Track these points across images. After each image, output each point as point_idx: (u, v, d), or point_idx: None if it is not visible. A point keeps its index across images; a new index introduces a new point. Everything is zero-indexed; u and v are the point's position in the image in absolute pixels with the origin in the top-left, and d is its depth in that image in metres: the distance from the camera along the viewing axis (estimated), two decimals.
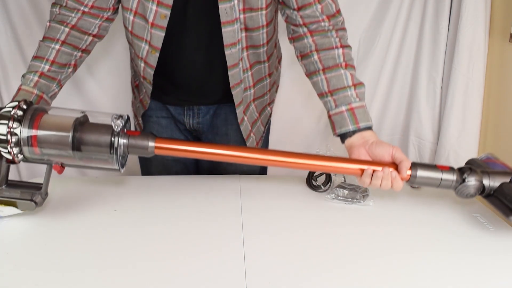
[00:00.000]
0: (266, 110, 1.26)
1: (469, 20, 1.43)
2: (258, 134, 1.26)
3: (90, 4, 1.00)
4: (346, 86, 0.98)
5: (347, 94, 0.98)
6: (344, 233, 0.92)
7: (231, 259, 0.81)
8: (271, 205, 1.02)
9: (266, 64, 1.14)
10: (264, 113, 1.26)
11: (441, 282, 0.77)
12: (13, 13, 1.54)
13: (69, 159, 0.85)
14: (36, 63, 0.99)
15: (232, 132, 1.21)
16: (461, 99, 1.49)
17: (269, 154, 0.90)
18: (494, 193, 0.91)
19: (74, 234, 0.88)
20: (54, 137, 0.83)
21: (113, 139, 0.83)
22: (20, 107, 0.82)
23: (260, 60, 1.11)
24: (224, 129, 1.21)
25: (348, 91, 0.98)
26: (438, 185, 0.90)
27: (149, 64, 1.06)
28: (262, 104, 1.23)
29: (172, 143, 0.88)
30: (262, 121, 1.26)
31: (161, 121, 1.22)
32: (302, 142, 1.75)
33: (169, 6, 0.97)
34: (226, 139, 1.22)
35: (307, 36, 1.02)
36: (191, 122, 1.21)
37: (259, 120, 1.24)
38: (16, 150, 0.82)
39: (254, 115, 1.21)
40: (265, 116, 1.27)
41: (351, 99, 0.97)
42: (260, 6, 0.99)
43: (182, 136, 1.25)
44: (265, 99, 1.23)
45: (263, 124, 1.27)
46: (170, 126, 1.23)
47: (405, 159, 0.89)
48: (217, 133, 1.22)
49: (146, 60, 1.06)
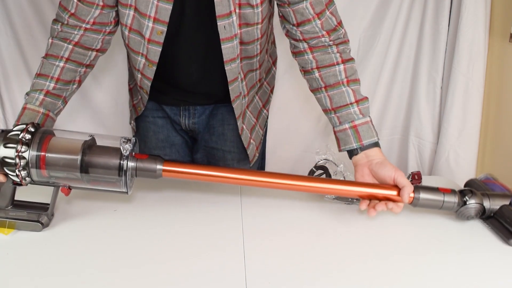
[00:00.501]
0: (262, 113, 1.26)
1: (469, 20, 1.43)
2: (258, 139, 1.26)
3: (91, 21, 1.00)
4: (349, 104, 0.98)
5: (350, 112, 0.98)
6: (344, 233, 0.92)
7: (231, 259, 0.81)
8: (271, 206, 1.02)
9: (257, 71, 1.14)
10: (261, 117, 1.26)
11: (442, 282, 0.78)
12: (13, 13, 1.54)
13: (76, 181, 0.86)
14: (41, 81, 0.98)
15: (228, 132, 1.20)
16: (461, 99, 1.49)
17: (277, 178, 0.91)
18: (494, 215, 0.94)
19: (74, 234, 0.88)
20: (62, 160, 0.84)
21: (121, 162, 0.84)
22: (28, 130, 0.83)
23: (252, 68, 1.11)
24: (220, 129, 1.20)
25: (350, 108, 0.98)
26: (440, 207, 0.93)
27: (146, 76, 1.07)
28: (257, 108, 1.23)
29: (180, 166, 0.89)
30: (260, 125, 1.26)
31: (157, 121, 1.22)
32: (301, 143, 1.75)
33: (165, 23, 0.96)
34: (223, 139, 1.21)
35: (307, 52, 1.01)
36: (187, 122, 1.20)
37: (257, 125, 1.24)
38: (24, 174, 0.83)
39: (252, 121, 1.21)
40: (263, 119, 1.27)
41: (354, 116, 0.98)
42: (256, 21, 0.99)
43: (178, 136, 1.24)
44: (257, 102, 1.23)
45: (261, 128, 1.27)
46: (167, 126, 1.23)
47: (407, 184, 0.90)
48: (214, 133, 1.21)
49: (143, 72, 1.07)
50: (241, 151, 1.23)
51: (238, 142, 1.21)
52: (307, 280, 0.77)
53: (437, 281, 0.78)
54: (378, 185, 0.93)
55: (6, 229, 0.86)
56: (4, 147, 0.82)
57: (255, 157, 1.25)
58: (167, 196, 1.05)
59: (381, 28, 1.61)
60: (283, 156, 1.76)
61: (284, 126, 1.73)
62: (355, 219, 0.98)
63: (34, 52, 1.58)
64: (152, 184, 1.06)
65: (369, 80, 1.66)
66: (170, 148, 1.24)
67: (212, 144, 1.22)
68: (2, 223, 0.86)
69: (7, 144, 0.82)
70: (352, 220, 0.98)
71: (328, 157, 1.10)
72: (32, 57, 1.59)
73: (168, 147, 1.24)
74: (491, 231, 0.93)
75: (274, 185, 0.91)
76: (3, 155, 0.82)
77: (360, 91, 1.00)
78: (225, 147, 1.22)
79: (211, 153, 1.24)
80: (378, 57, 1.64)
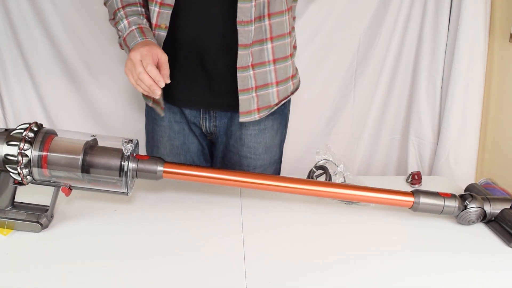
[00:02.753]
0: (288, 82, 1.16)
1: (469, 20, 1.43)
2: (265, 99, 1.12)
3: None
4: None
5: None
6: (344, 233, 0.92)
7: (231, 259, 0.81)
8: (271, 206, 1.02)
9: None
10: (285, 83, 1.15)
11: (442, 283, 0.78)
12: (13, 13, 1.54)
13: (77, 181, 0.87)
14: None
15: (246, 137, 1.18)
16: (461, 99, 1.49)
17: (278, 181, 0.92)
18: (495, 219, 0.94)
19: (73, 235, 0.88)
20: (64, 159, 0.84)
21: (123, 163, 0.85)
22: (31, 129, 0.84)
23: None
24: (238, 134, 1.18)
25: None
26: (440, 211, 0.93)
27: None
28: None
29: (180, 168, 0.90)
30: (279, 88, 1.13)
31: (174, 126, 1.20)
32: (301, 143, 1.75)
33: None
34: (240, 143, 1.19)
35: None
36: (207, 124, 1.19)
37: (272, 85, 1.11)
38: (26, 172, 0.84)
39: (267, 78, 1.09)
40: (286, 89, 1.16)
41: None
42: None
43: (195, 143, 1.22)
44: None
45: (278, 93, 1.13)
46: (183, 132, 1.20)
47: None
48: (231, 136, 1.19)
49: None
50: (259, 157, 1.20)
51: (256, 148, 1.19)
52: (307, 280, 0.77)
53: (438, 283, 0.78)
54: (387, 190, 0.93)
55: (5, 229, 0.86)
56: (7, 144, 0.82)
57: (250, 114, 1.12)
58: (167, 196, 1.05)
59: (381, 28, 1.60)
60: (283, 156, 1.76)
61: None
62: (355, 219, 0.98)
63: (34, 52, 1.58)
64: (152, 185, 1.06)
65: (369, 80, 1.66)
66: (185, 155, 1.23)
67: (230, 147, 1.21)
68: (1, 224, 0.86)
69: (10, 142, 0.82)
70: (352, 220, 0.98)
71: (328, 157, 1.10)
72: (32, 57, 1.59)
73: (183, 154, 1.23)
74: (493, 233, 0.93)
75: (275, 189, 0.92)
76: (5, 153, 0.82)
77: None
78: (242, 152, 1.20)
79: (227, 156, 1.22)
80: (378, 57, 1.64)
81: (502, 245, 0.89)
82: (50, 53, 1.59)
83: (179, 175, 0.90)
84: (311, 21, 1.59)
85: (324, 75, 1.66)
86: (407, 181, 1.19)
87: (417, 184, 1.18)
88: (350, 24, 1.60)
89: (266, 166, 1.24)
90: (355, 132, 1.73)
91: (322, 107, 1.71)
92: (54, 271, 0.77)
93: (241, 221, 0.95)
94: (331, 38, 1.61)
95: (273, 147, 1.23)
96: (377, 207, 1.02)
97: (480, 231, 0.95)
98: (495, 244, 0.90)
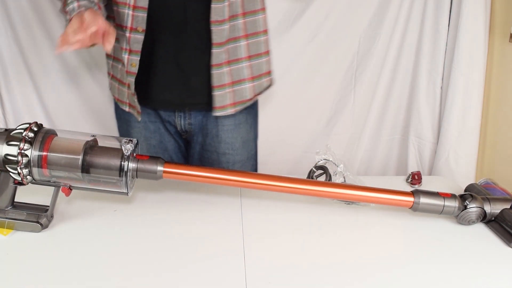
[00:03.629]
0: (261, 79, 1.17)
1: (469, 20, 1.43)
2: (239, 94, 1.14)
3: None
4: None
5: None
6: (344, 233, 0.92)
7: (231, 259, 0.81)
8: (271, 206, 1.02)
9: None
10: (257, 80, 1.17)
11: (443, 284, 0.77)
12: (13, 13, 1.54)
13: (77, 181, 0.87)
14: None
15: (222, 134, 1.19)
16: (461, 99, 1.49)
17: (279, 181, 0.91)
18: (495, 219, 0.94)
19: (73, 235, 0.88)
20: (64, 159, 0.84)
21: (123, 163, 0.85)
22: (31, 129, 0.84)
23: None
24: (214, 131, 1.19)
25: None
26: (440, 211, 0.93)
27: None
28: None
29: (180, 168, 0.89)
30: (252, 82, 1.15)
31: (149, 126, 1.20)
32: (301, 143, 1.75)
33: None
34: (217, 140, 1.20)
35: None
36: (182, 123, 1.19)
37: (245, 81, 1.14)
38: (26, 172, 0.84)
39: (240, 74, 1.12)
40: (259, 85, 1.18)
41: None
42: None
43: (171, 141, 1.23)
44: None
45: (252, 85, 1.15)
46: (159, 131, 1.21)
47: None
48: (207, 135, 1.20)
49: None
50: (236, 152, 1.22)
51: (233, 143, 1.20)
52: (307, 280, 0.77)
53: (438, 283, 0.78)
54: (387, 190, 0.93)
55: (5, 229, 0.86)
56: (7, 144, 0.82)
57: (224, 108, 1.13)
58: (167, 196, 1.05)
59: (381, 28, 1.60)
60: (283, 156, 1.76)
61: (284, 126, 1.73)
62: (355, 219, 0.98)
63: (34, 52, 1.58)
64: (152, 185, 1.06)
65: (369, 80, 1.66)
66: (162, 154, 1.23)
67: (206, 147, 1.21)
68: (1, 224, 0.86)
69: (10, 142, 0.82)
70: (352, 220, 0.98)
71: (328, 157, 1.10)
72: (32, 57, 1.59)
73: (161, 153, 1.23)
74: (493, 233, 0.93)
75: (275, 189, 0.91)
76: (5, 153, 0.82)
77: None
78: (220, 149, 1.20)
79: (205, 156, 1.23)
80: (378, 57, 1.64)
81: (502, 245, 0.89)
82: (50, 54, 1.59)
83: (179, 175, 0.90)
84: (311, 21, 1.59)
85: (324, 75, 1.66)
86: (407, 181, 1.19)
87: (417, 184, 1.18)
88: (350, 24, 1.60)
89: (244, 161, 1.25)
90: (355, 132, 1.73)
91: (322, 107, 1.71)
92: (54, 271, 0.77)
93: (241, 221, 0.95)
94: (331, 38, 1.61)
95: (249, 142, 1.26)
96: (377, 207, 1.02)
97: (480, 231, 0.95)
98: (495, 244, 0.90)
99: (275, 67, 1.60)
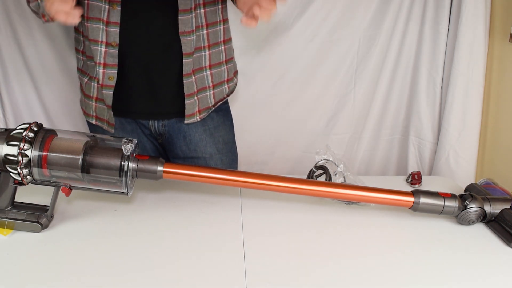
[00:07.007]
0: (223, 86, 1.22)
1: (469, 20, 1.43)
2: (204, 101, 1.18)
3: None
4: None
5: None
6: (344, 233, 0.92)
7: (231, 259, 0.81)
8: (271, 206, 1.02)
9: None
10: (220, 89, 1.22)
11: (443, 283, 0.78)
12: (13, 13, 1.54)
13: (77, 181, 0.87)
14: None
15: (206, 137, 1.20)
16: (461, 99, 1.49)
17: (279, 181, 0.92)
18: (495, 219, 0.95)
19: (73, 235, 0.88)
20: (64, 159, 0.84)
21: (123, 163, 0.85)
22: (31, 129, 0.84)
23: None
24: (197, 138, 1.20)
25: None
26: (440, 211, 0.93)
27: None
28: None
29: (180, 168, 0.90)
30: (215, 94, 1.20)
31: (126, 126, 1.21)
32: (301, 143, 1.75)
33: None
34: (202, 145, 1.21)
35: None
36: (156, 125, 1.19)
37: (210, 89, 1.19)
38: (26, 172, 0.84)
39: (206, 82, 1.18)
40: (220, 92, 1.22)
41: None
42: None
43: (149, 141, 1.23)
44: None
45: (214, 97, 1.21)
46: (137, 131, 1.21)
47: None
48: (191, 141, 1.20)
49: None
50: (221, 151, 1.23)
51: (217, 142, 1.22)
52: (307, 280, 0.77)
53: (438, 283, 0.78)
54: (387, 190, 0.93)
55: (5, 229, 0.86)
56: (7, 144, 0.83)
57: (193, 116, 1.17)
58: (167, 196, 1.05)
59: (381, 28, 1.60)
60: (283, 156, 1.76)
61: (284, 126, 1.73)
62: (355, 219, 0.98)
63: (34, 52, 1.58)
64: (152, 185, 1.06)
65: (369, 80, 1.66)
66: (142, 152, 1.23)
67: (192, 154, 1.22)
68: (1, 224, 0.87)
69: (10, 142, 0.83)
70: (352, 220, 0.98)
71: (328, 157, 1.10)
72: (32, 57, 1.59)
73: (140, 152, 1.22)
74: (493, 233, 0.93)
75: (275, 189, 0.92)
76: (5, 153, 0.82)
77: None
78: (206, 154, 1.22)
79: (190, 163, 1.22)
80: (378, 57, 1.64)
81: (502, 245, 0.89)
82: (50, 54, 1.58)
83: (179, 175, 0.90)
84: (311, 21, 1.58)
85: (324, 75, 1.66)
86: (407, 181, 1.19)
87: (417, 184, 1.18)
88: (350, 24, 1.60)
89: (231, 162, 1.27)
90: (355, 132, 1.73)
91: (322, 107, 1.71)
92: (54, 271, 0.77)
93: (241, 221, 0.95)
94: (331, 38, 1.61)
95: (231, 143, 1.29)
96: (377, 207, 1.02)
97: (480, 231, 0.95)
98: (495, 244, 0.90)
99: (275, 67, 1.59)
